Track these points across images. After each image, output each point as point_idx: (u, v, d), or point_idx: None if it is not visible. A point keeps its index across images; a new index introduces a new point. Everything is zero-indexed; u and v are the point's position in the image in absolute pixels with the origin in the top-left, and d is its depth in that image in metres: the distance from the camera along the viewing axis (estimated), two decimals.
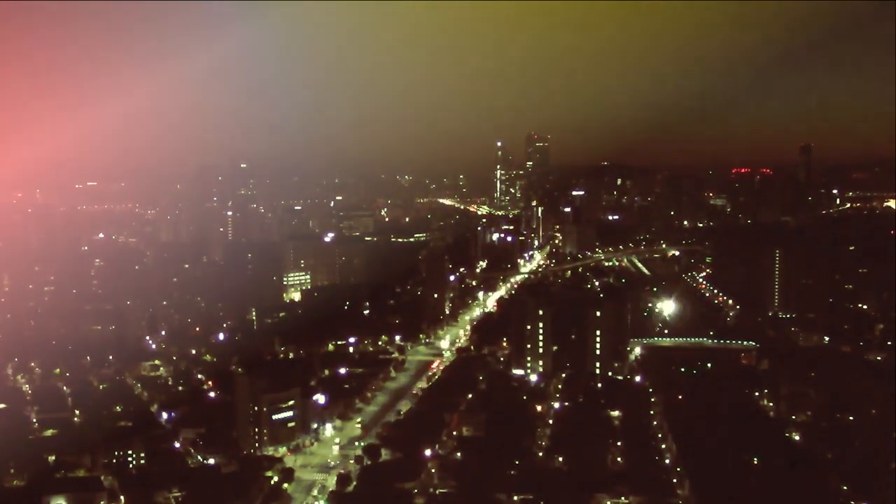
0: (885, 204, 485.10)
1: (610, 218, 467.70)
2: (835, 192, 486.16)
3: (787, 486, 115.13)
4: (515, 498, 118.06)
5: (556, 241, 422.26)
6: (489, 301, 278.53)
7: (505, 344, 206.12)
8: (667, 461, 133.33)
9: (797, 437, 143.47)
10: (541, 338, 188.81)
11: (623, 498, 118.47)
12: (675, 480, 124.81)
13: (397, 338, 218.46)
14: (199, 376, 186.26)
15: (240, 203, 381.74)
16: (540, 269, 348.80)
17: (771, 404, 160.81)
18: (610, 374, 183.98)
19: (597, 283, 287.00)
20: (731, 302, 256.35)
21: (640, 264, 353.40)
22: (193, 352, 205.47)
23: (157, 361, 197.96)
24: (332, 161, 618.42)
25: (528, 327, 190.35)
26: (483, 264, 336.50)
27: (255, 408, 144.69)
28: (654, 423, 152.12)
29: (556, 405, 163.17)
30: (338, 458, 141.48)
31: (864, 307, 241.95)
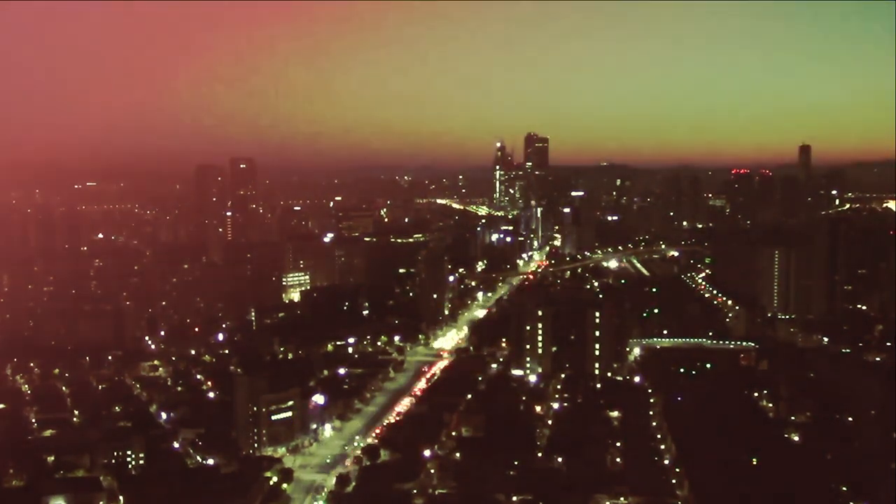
0: (885, 204, 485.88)
1: (609, 218, 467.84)
2: (834, 192, 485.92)
3: (786, 487, 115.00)
4: (515, 498, 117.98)
5: (556, 242, 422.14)
6: (488, 302, 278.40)
7: (504, 344, 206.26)
8: (666, 461, 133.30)
9: (797, 438, 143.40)
10: (540, 338, 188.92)
11: (622, 498, 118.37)
12: (674, 480, 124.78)
13: (396, 338, 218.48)
14: (199, 376, 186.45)
15: (240, 203, 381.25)
16: (539, 270, 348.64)
17: (770, 405, 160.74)
18: (609, 374, 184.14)
19: (596, 284, 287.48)
20: (730, 302, 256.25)
21: (639, 265, 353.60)
22: (193, 352, 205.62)
23: (156, 362, 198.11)
24: (332, 161, 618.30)
25: (528, 328, 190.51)
26: (482, 265, 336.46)
27: (255, 408, 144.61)
28: (654, 423, 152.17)
29: (556, 405, 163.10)
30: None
31: (864, 307, 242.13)
